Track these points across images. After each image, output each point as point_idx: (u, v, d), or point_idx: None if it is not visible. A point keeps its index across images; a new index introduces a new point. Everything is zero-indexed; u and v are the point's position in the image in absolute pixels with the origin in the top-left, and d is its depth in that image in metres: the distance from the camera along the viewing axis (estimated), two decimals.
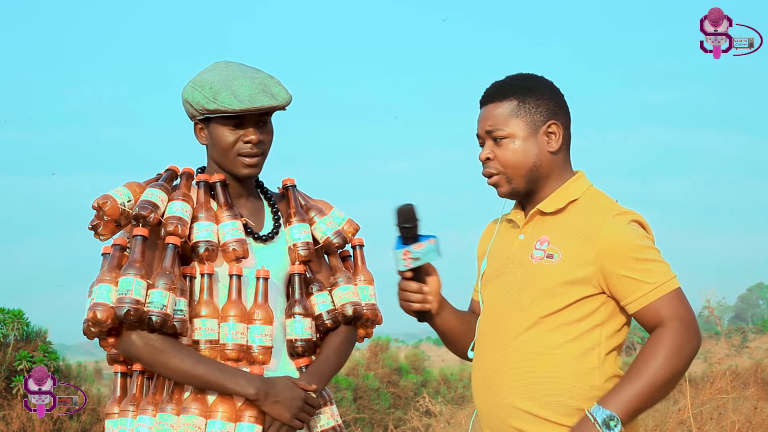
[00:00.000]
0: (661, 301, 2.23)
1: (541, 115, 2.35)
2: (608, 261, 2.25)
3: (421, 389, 11.59)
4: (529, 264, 2.33)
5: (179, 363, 2.34)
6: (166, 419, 2.35)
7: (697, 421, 7.02)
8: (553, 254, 2.30)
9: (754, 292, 53.31)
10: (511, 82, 2.39)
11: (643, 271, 2.24)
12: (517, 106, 2.35)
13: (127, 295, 2.30)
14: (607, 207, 2.33)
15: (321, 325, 2.55)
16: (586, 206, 2.34)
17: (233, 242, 2.43)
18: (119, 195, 2.42)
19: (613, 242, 2.25)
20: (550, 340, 2.27)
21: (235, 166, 2.49)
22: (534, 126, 2.34)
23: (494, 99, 2.37)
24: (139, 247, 2.36)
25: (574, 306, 2.27)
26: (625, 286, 2.25)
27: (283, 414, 2.37)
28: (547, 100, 2.36)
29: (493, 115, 2.36)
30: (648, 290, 2.24)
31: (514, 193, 2.38)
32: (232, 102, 2.41)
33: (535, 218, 2.38)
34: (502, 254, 2.41)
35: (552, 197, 2.36)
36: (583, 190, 2.37)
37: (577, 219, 2.32)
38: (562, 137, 2.36)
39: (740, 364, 14.79)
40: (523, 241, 2.37)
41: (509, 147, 2.34)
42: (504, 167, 2.35)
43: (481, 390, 2.38)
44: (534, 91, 2.36)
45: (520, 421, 2.27)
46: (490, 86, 2.42)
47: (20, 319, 8.20)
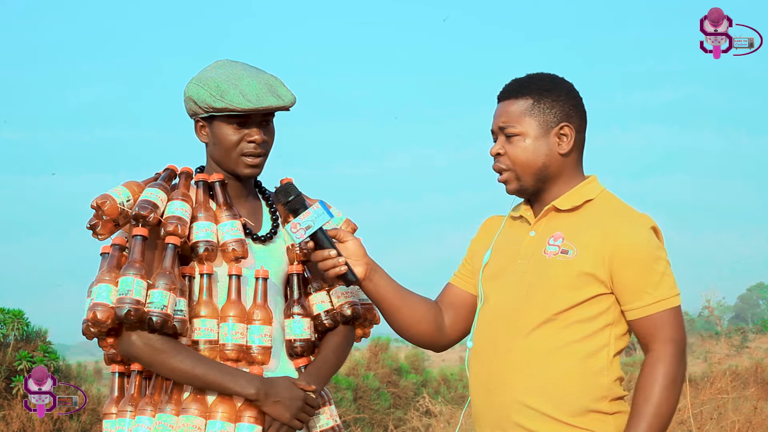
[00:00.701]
0: (660, 316, 2.26)
1: (554, 116, 2.35)
2: (620, 263, 2.26)
3: (421, 389, 11.59)
4: (542, 259, 2.32)
5: (179, 363, 2.33)
6: (166, 420, 2.35)
7: (697, 421, 7.03)
8: (568, 250, 2.30)
9: (754, 292, 53.28)
10: (529, 80, 2.40)
11: (651, 283, 2.26)
12: (531, 105, 2.36)
13: (127, 295, 2.29)
14: (626, 210, 2.34)
15: (319, 325, 2.55)
16: (603, 207, 2.35)
17: (233, 242, 2.43)
18: (118, 194, 2.42)
19: (631, 246, 2.26)
20: (561, 337, 2.27)
21: (238, 166, 2.49)
22: (546, 126, 2.35)
23: (510, 96, 2.39)
24: (139, 247, 2.35)
25: (588, 303, 2.28)
26: (629, 293, 2.27)
27: (283, 414, 2.37)
28: (563, 101, 2.37)
29: (508, 112, 2.37)
30: (651, 302, 2.26)
31: (521, 190, 2.39)
32: (240, 101, 2.41)
33: (549, 215, 2.38)
34: (510, 249, 2.41)
35: (567, 195, 2.36)
36: (597, 191, 2.38)
37: (593, 218, 2.33)
38: (574, 140, 2.37)
39: (740, 364, 14.78)
40: (535, 237, 2.37)
41: (519, 145, 2.35)
42: (513, 164, 2.36)
43: (484, 386, 2.36)
44: (551, 91, 2.37)
45: (527, 418, 2.27)
46: (509, 82, 2.42)
47: (20, 319, 8.20)
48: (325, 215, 2.38)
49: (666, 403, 2.23)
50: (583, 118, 2.40)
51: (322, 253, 2.39)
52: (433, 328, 2.49)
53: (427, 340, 2.52)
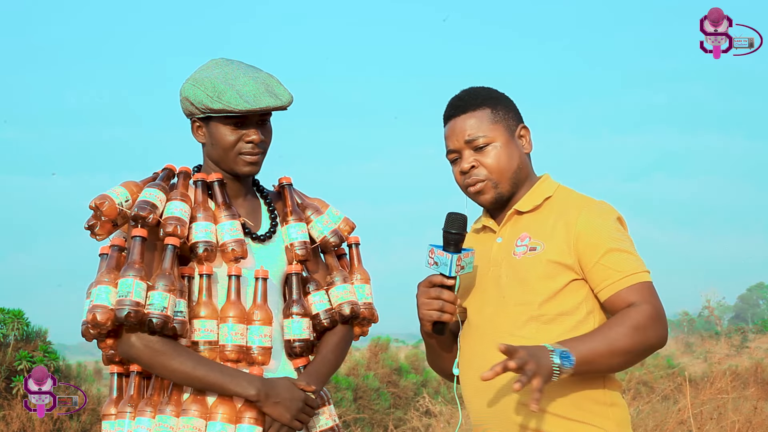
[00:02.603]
0: (631, 289, 2.28)
1: (512, 119, 2.44)
2: (585, 249, 2.30)
3: (421, 389, 11.58)
4: (513, 261, 2.37)
5: (179, 365, 2.33)
6: (166, 421, 2.34)
7: (697, 421, 7.02)
8: (536, 246, 2.35)
9: (754, 292, 53.28)
10: (474, 93, 2.46)
11: (614, 260, 2.29)
12: (491, 113, 2.42)
13: (127, 297, 2.29)
14: (584, 199, 2.40)
15: (318, 324, 2.55)
16: (562, 201, 2.41)
17: (232, 242, 2.43)
18: (117, 195, 2.41)
19: (590, 231, 2.31)
20: (547, 333, 2.28)
21: (236, 165, 2.48)
22: (510, 130, 2.42)
23: (466, 110, 2.43)
24: (138, 248, 2.35)
25: (565, 291, 2.31)
26: (598, 274, 2.30)
27: (284, 415, 2.37)
28: (510, 106, 2.46)
29: (470, 125, 2.41)
30: (618, 278, 2.29)
31: (498, 198, 2.42)
32: (237, 102, 2.40)
33: (513, 219, 2.42)
34: (481, 262, 2.43)
35: (527, 197, 2.42)
36: (554, 188, 2.44)
37: (554, 212, 2.38)
38: (530, 140, 2.45)
39: (740, 364, 14.80)
40: (503, 242, 2.42)
41: (492, 152, 2.40)
42: (490, 172, 2.40)
43: (478, 392, 2.36)
44: (499, 99, 2.45)
45: (525, 416, 2.27)
46: (453, 101, 2.47)
47: (20, 319, 8.19)
48: (471, 267, 2.35)
49: (624, 341, 2.20)
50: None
51: (450, 295, 2.34)
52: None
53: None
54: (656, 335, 2.24)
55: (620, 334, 2.21)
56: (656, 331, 2.24)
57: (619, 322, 2.22)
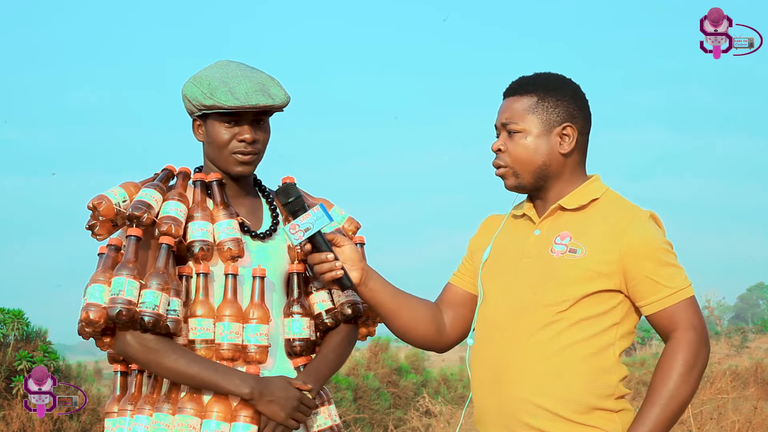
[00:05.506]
0: (678, 306, 2.27)
1: (557, 115, 2.35)
2: (633, 260, 2.26)
3: (421, 389, 11.58)
4: (550, 258, 2.32)
5: (173, 363, 2.34)
6: (162, 419, 2.35)
7: (697, 421, 7.02)
8: (576, 249, 2.30)
9: (754, 292, 53.34)
10: (536, 78, 2.40)
11: (665, 275, 2.27)
12: (535, 103, 2.36)
13: (119, 295, 2.30)
14: (633, 208, 2.35)
15: (321, 324, 2.55)
16: (610, 205, 2.36)
17: (228, 241, 2.43)
18: (114, 195, 2.42)
19: (642, 243, 2.27)
20: (568, 336, 2.27)
21: (229, 164, 2.48)
22: (548, 125, 2.35)
23: (516, 92, 2.39)
24: (133, 247, 2.36)
25: (593, 298, 2.28)
26: (645, 288, 2.27)
27: (278, 414, 2.37)
28: (568, 102, 2.37)
29: (511, 109, 2.37)
30: (666, 294, 2.27)
31: (519, 187, 2.39)
32: (228, 99, 2.41)
33: (555, 214, 2.38)
34: (513, 248, 2.40)
35: (573, 194, 2.37)
36: (602, 190, 2.39)
37: (601, 216, 2.33)
38: (576, 141, 2.36)
39: (740, 364, 14.79)
40: (540, 236, 2.37)
41: (520, 142, 2.36)
42: (513, 161, 2.37)
43: (489, 386, 2.35)
44: (556, 91, 2.37)
45: (534, 417, 2.27)
46: (516, 80, 2.43)
47: (20, 319, 8.19)
48: (324, 218, 2.38)
49: (683, 388, 2.22)
50: (587, 120, 2.40)
51: (319, 257, 2.39)
52: (433, 329, 2.48)
53: (428, 342, 2.51)
54: (703, 360, 2.26)
55: (678, 384, 2.22)
56: (702, 356, 2.26)
57: (671, 373, 2.23)
